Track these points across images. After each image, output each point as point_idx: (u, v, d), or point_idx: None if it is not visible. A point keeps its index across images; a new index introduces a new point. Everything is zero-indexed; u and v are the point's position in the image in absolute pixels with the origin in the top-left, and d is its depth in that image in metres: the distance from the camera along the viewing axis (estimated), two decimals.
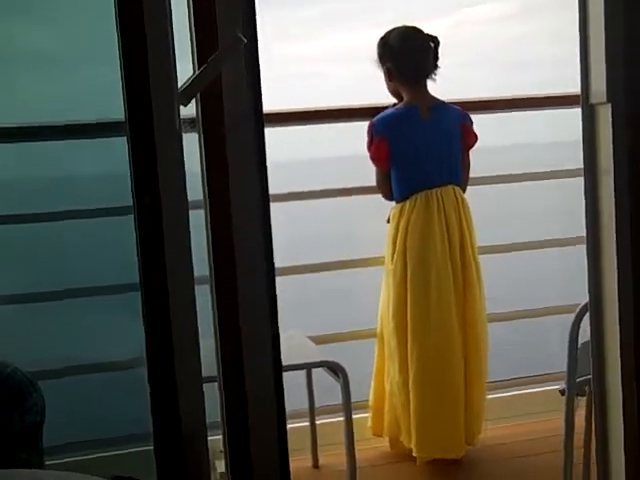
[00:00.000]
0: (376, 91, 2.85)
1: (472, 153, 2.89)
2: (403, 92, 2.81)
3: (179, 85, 1.41)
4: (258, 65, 1.45)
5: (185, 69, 1.43)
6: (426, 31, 2.82)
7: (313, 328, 3.32)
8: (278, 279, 1.57)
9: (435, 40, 2.80)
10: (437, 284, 2.72)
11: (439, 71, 2.80)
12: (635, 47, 1.70)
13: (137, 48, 1.36)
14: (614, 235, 1.75)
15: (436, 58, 2.80)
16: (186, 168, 1.47)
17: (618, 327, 1.75)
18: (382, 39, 2.81)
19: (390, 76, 2.80)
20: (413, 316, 2.72)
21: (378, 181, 2.85)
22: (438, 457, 2.76)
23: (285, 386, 1.56)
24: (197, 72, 1.41)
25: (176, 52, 1.40)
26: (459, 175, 2.81)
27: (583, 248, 1.83)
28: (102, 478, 1.04)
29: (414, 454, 2.74)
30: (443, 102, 2.82)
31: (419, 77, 2.79)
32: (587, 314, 1.89)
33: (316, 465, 2.85)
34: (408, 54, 2.78)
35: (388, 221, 2.84)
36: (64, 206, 1.95)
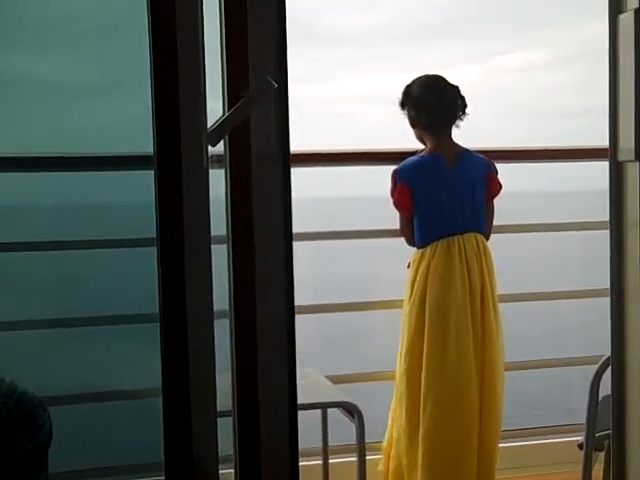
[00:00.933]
0: (402, 135, 2.88)
1: (497, 198, 2.89)
2: (427, 140, 2.84)
3: (208, 124, 1.43)
4: (287, 108, 1.47)
5: (215, 108, 1.46)
6: (454, 78, 2.85)
7: (331, 367, 3.31)
8: (298, 317, 1.58)
9: (457, 89, 2.82)
10: (456, 331, 2.71)
11: (467, 118, 2.82)
12: None
13: (169, 84, 1.39)
14: (639, 289, 1.73)
15: (464, 106, 2.81)
16: (211, 200, 1.48)
17: None
18: (406, 87, 2.84)
19: (413, 124, 2.83)
20: (429, 362, 2.71)
21: (401, 226, 2.86)
22: None
23: (300, 424, 1.55)
24: (227, 114, 1.43)
25: (207, 91, 1.43)
26: (482, 223, 2.81)
27: (608, 300, 1.82)
28: None
29: None
30: (467, 150, 2.84)
31: (441, 126, 2.81)
32: (609, 368, 1.87)
33: None
34: (429, 103, 2.80)
35: (408, 266, 2.84)
36: (88, 235, 1.98)
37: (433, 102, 2.80)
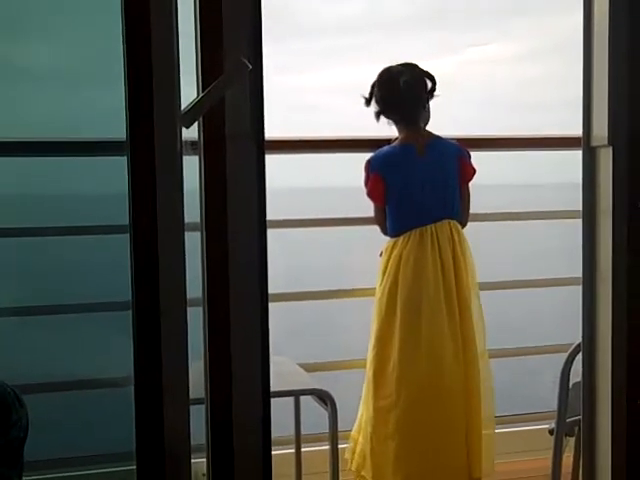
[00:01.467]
0: (378, 126, 2.88)
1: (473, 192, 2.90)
2: (397, 130, 2.84)
3: (182, 108, 1.41)
4: (262, 90, 1.46)
5: (189, 93, 1.44)
6: (429, 69, 2.84)
7: (304, 356, 3.30)
8: (270, 305, 1.57)
9: (430, 77, 2.82)
10: (428, 319, 2.71)
11: (443, 109, 2.83)
12: (638, 91, 1.71)
13: (142, 67, 1.37)
14: (610, 277, 1.75)
15: (431, 94, 2.82)
16: (185, 188, 1.47)
17: (610, 369, 1.74)
18: (375, 80, 2.84)
19: (378, 119, 2.83)
20: (402, 352, 2.72)
21: (375, 215, 2.87)
22: None
23: (272, 412, 1.55)
24: (201, 95, 1.42)
25: (181, 75, 1.41)
26: (456, 209, 2.82)
27: (579, 289, 1.84)
28: None
29: None
30: (439, 137, 2.84)
31: (408, 117, 2.82)
32: (579, 354, 1.89)
33: None
34: (392, 100, 2.80)
35: (381, 255, 2.85)
36: (61, 222, 1.95)
37: (395, 98, 2.80)
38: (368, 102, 2.85)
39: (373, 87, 2.85)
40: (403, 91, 2.79)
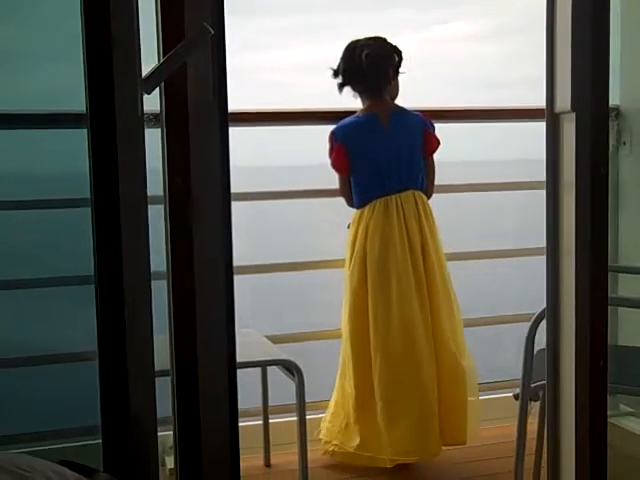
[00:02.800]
0: (343, 102, 2.87)
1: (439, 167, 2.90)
2: (362, 100, 2.84)
3: (144, 75, 1.39)
4: (224, 58, 1.44)
5: (151, 60, 1.42)
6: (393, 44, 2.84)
7: (271, 328, 3.31)
8: (237, 278, 1.57)
9: (397, 52, 2.82)
10: (397, 288, 2.73)
11: (408, 86, 2.83)
12: (600, 58, 1.72)
13: (101, 34, 1.34)
14: (573, 244, 1.76)
15: (397, 70, 2.82)
16: (147, 162, 1.45)
17: (574, 334, 1.77)
18: (344, 50, 2.83)
19: (340, 90, 2.82)
20: (374, 321, 2.73)
21: (340, 187, 2.86)
22: (407, 461, 2.77)
23: (240, 384, 1.55)
24: (162, 60, 1.39)
25: (142, 42, 1.39)
26: (420, 180, 2.82)
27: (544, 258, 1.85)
28: (47, 461, 1.02)
29: (387, 456, 2.73)
30: (403, 109, 2.84)
31: (373, 88, 2.82)
32: (544, 321, 1.91)
33: (268, 464, 2.84)
34: (358, 70, 2.80)
35: (348, 227, 2.85)
36: (21, 196, 1.92)
37: (358, 68, 2.79)
38: (336, 74, 2.84)
39: (342, 54, 2.84)
40: (366, 63, 2.78)
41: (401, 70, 2.85)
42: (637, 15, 2.98)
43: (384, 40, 2.84)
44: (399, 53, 2.83)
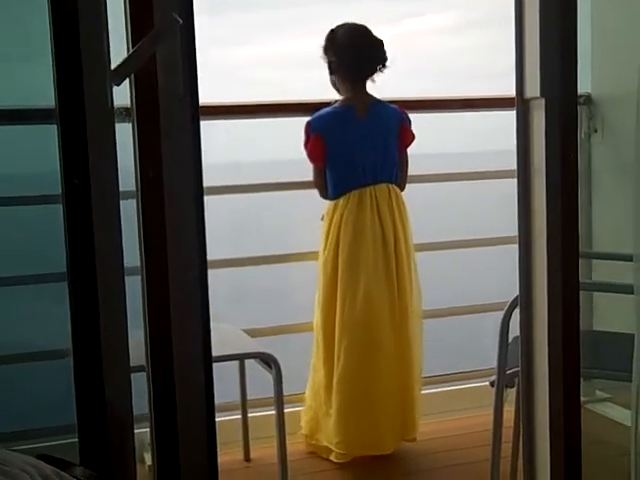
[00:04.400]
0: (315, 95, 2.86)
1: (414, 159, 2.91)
2: (341, 89, 2.82)
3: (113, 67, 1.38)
4: (194, 49, 1.43)
5: (120, 52, 1.41)
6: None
7: (248, 322, 3.30)
8: (212, 272, 1.56)
9: (381, 43, 2.81)
10: (366, 279, 2.73)
11: (381, 81, 2.83)
12: (568, 43, 1.73)
13: (69, 26, 1.33)
14: (544, 230, 1.78)
15: (383, 61, 2.81)
16: (119, 157, 1.44)
17: (547, 320, 1.78)
18: (331, 32, 2.81)
19: (332, 70, 2.80)
20: (342, 310, 2.74)
21: (314, 178, 2.86)
22: (362, 454, 2.78)
23: (218, 379, 1.54)
24: (131, 51, 1.38)
25: (110, 34, 1.38)
26: (394, 173, 2.83)
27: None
28: (25, 455, 1.02)
29: (337, 450, 2.74)
30: (380, 101, 2.84)
31: (360, 76, 2.80)
32: (517, 308, 1.92)
33: (247, 458, 2.84)
34: (353, 51, 2.79)
35: (322, 218, 2.85)
36: None
37: (357, 51, 2.79)
38: (326, 50, 2.80)
39: (333, 35, 2.80)
40: (365, 45, 2.77)
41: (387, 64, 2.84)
42: (608, 4, 3.00)
43: (369, 30, 2.83)
44: (383, 46, 2.82)
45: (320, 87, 2.90)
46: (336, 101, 2.85)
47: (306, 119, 2.82)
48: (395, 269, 2.77)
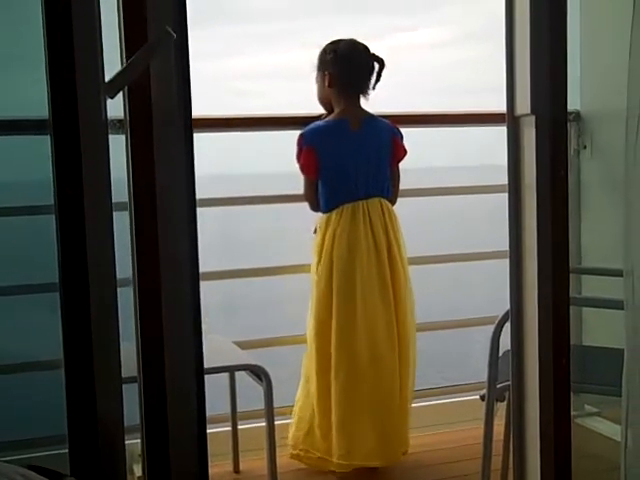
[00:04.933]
0: (304, 108, 2.87)
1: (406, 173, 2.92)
2: (336, 102, 2.83)
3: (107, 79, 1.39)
4: (188, 62, 1.44)
5: (114, 65, 1.41)
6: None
7: (239, 334, 3.30)
8: (204, 284, 1.57)
9: (380, 61, 2.83)
10: (362, 295, 2.74)
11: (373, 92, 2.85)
12: (558, 61, 1.75)
13: (63, 38, 1.34)
14: (535, 245, 1.79)
15: (378, 79, 2.83)
16: (112, 168, 1.44)
17: (537, 335, 1.79)
18: (331, 44, 2.83)
19: (330, 83, 2.82)
20: (339, 326, 2.74)
21: (305, 191, 2.85)
22: (365, 465, 2.77)
23: (208, 390, 1.55)
24: (125, 64, 1.39)
25: (104, 46, 1.39)
26: (386, 187, 2.84)
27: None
28: (15, 465, 1.02)
29: (339, 461, 2.73)
30: (373, 115, 2.85)
31: (356, 91, 2.82)
32: (508, 322, 1.93)
33: (237, 470, 2.83)
34: (354, 66, 2.81)
35: (315, 232, 2.85)
36: None
37: (358, 66, 2.81)
38: (325, 63, 2.82)
39: (334, 47, 2.81)
40: (366, 61, 2.80)
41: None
42: (597, 23, 3.03)
43: (367, 48, 2.86)
44: (380, 60, 2.85)
45: (305, 100, 2.90)
46: (325, 114, 2.86)
47: (295, 132, 2.83)
48: (391, 282, 2.78)
